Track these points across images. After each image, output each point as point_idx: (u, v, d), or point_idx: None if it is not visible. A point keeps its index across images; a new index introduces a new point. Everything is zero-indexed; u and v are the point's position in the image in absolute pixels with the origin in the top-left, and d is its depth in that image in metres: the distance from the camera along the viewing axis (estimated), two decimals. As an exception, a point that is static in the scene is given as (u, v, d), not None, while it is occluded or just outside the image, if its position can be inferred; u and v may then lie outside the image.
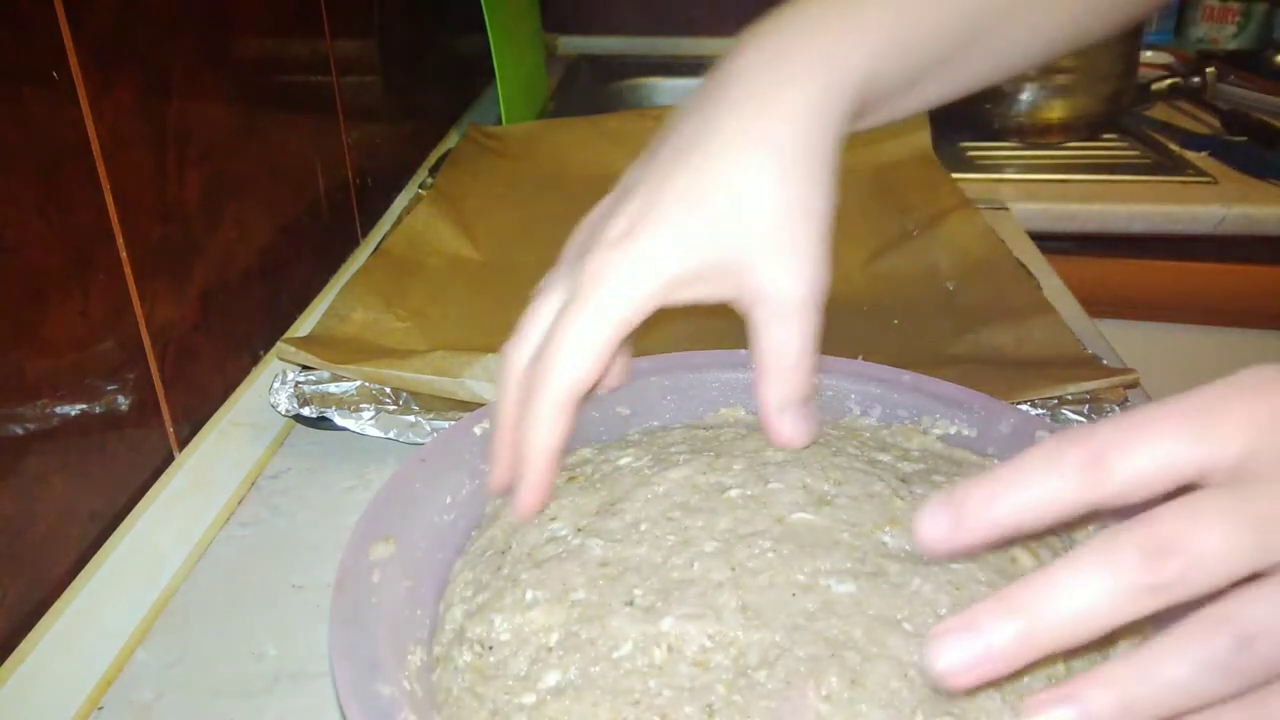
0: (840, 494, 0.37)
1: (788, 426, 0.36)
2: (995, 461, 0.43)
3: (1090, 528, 0.39)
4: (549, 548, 0.36)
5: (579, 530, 0.36)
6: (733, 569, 0.33)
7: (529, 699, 0.32)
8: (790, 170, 0.35)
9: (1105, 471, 0.24)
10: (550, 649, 0.33)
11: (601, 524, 0.36)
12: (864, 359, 0.48)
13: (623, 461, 0.41)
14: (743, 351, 0.39)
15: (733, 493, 0.37)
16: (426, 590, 0.36)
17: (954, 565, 0.34)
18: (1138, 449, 0.24)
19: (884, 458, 0.41)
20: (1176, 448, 0.24)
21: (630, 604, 0.33)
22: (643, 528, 0.36)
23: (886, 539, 0.35)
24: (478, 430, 0.42)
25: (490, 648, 0.34)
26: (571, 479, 0.40)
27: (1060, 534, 0.38)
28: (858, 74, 0.36)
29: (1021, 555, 0.35)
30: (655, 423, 0.47)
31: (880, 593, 0.33)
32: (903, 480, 0.39)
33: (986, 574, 0.34)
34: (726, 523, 0.36)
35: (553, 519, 0.37)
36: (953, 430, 0.44)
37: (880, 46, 0.37)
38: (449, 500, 0.39)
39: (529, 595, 0.34)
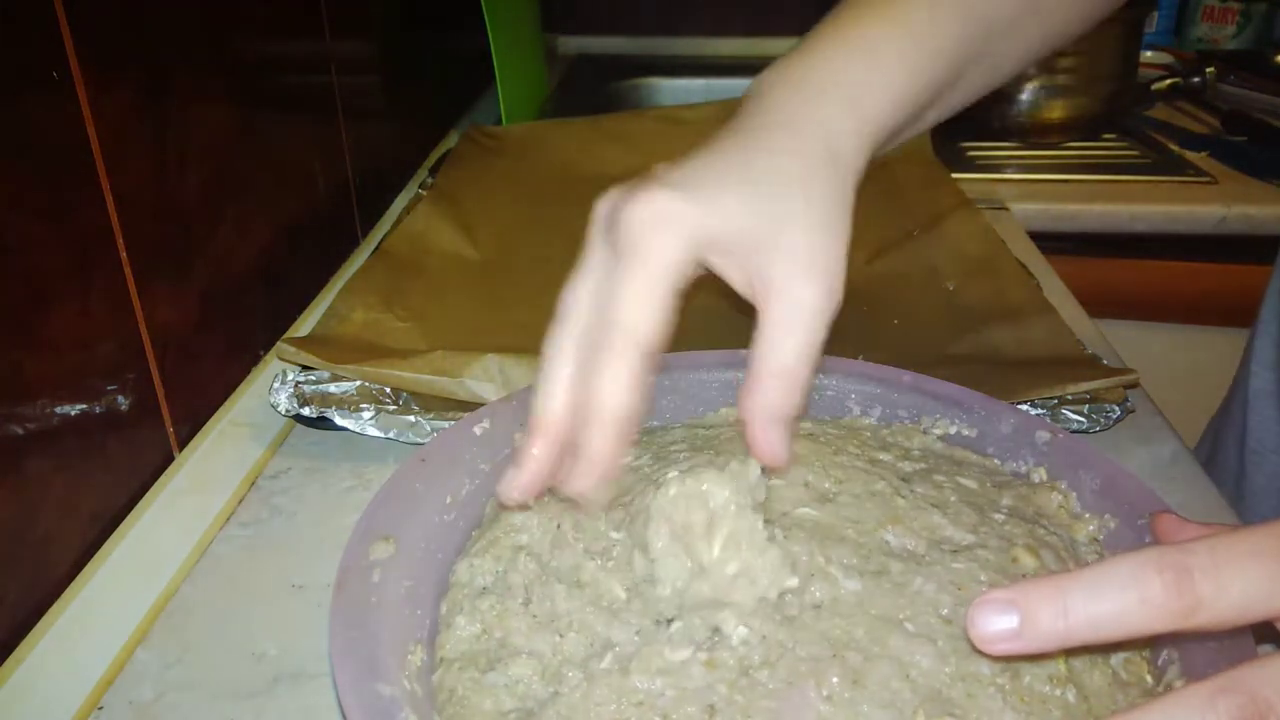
0: (842, 492, 0.38)
1: (773, 439, 0.34)
2: (996, 461, 0.43)
3: (1090, 527, 0.39)
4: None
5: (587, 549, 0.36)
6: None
7: (534, 699, 0.32)
8: (826, 191, 0.35)
9: (1194, 602, 0.24)
10: (565, 641, 0.33)
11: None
12: (864, 359, 0.48)
13: (623, 460, 0.41)
14: (742, 352, 0.39)
15: None
16: (426, 590, 0.36)
17: (955, 565, 0.34)
18: (1232, 584, 0.24)
19: (884, 457, 0.41)
20: (1272, 588, 0.24)
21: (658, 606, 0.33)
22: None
23: (889, 538, 0.35)
24: (478, 430, 0.42)
25: (500, 647, 0.34)
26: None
27: (1061, 534, 0.38)
28: (882, 125, 0.38)
29: (1024, 555, 0.35)
30: (655, 422, 0.47)
31: (883, 592, 0.33)
32: (903, 479, 0.39)
33: (988, 574, 0.34)
34: None
35: (556, 525, 0.37)
36: (953, 430, 0.44)
37: (899, 92, 0.38)
38: (449, 500, 0.39)
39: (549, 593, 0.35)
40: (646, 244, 0.33)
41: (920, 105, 0.40)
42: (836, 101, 0.37)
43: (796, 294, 0.34)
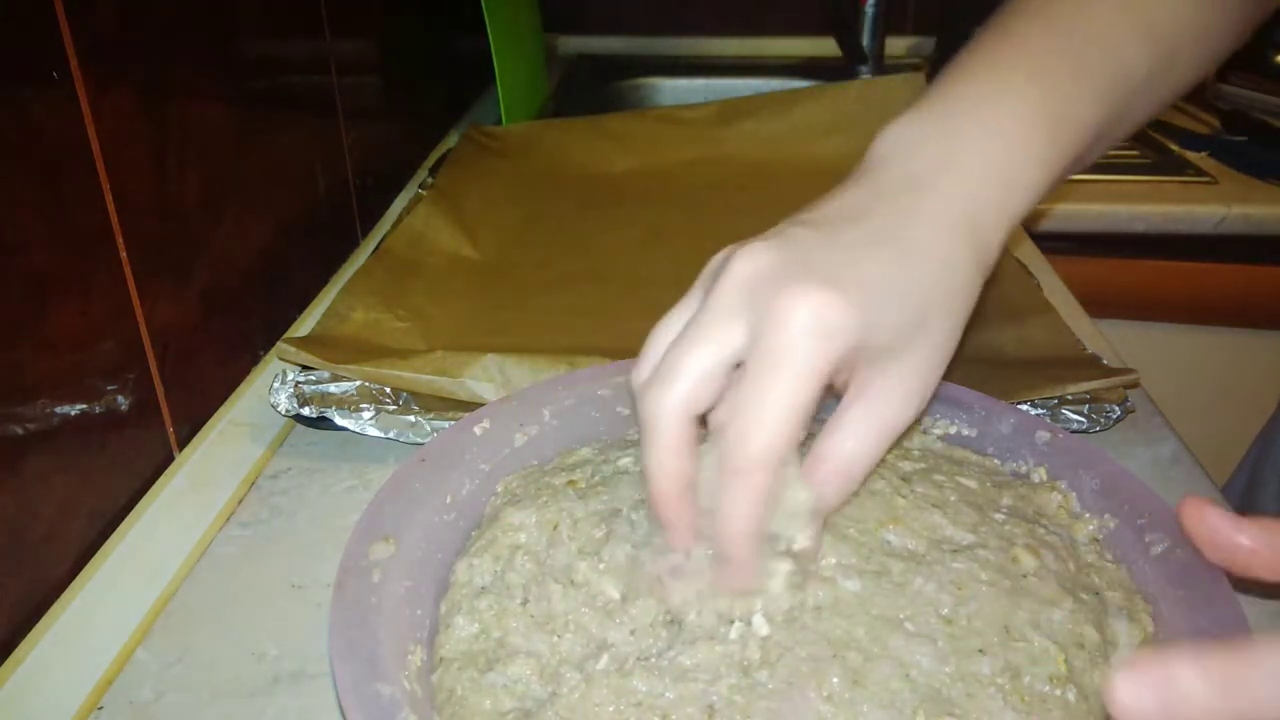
0: (842, 492, 0.38)
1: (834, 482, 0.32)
2: (996, 461, 0.43)
3: (1089, 527, 0.39)
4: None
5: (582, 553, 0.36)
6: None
7: (532, 699, 0.32)
8: (961, 306, 0.34)
9: None
10: (563, 638, 0.33)
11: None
12: (864, 359, 0.48)
13: (623, 462, 0.41)
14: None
15: None
16: (426, 590, 0.36)
17: (955, 565, 0.34)
18: None
19: (884, 456, 0.41)
20: None
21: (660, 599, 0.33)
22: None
23: (890, 537, 0.35)
24: (478, 430, 0.42)
25: (499, 647, 0.34)
26: (571, 483, 0.40)
27: (1061, 534, 0.38)
28: (1028, 203, 0.35)
29: (1024, 555, 0.35)
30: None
31: (883, 592, 0.33)
32: (904, 479, 0.39)
33: (989, 574, 0.34)
34: None
35: (554, 526, 0.37)
36: (953, 430, 0.44)
37: (1050, 168, 0.35)
38: (449, 500, 0.39)
39: (549, 594, 0.35)
40: (802, 354, 0.29)
41: (1058, 178, 0.36)
42: (982, 174, 0.34)
43: (897, 409, 0.32)
